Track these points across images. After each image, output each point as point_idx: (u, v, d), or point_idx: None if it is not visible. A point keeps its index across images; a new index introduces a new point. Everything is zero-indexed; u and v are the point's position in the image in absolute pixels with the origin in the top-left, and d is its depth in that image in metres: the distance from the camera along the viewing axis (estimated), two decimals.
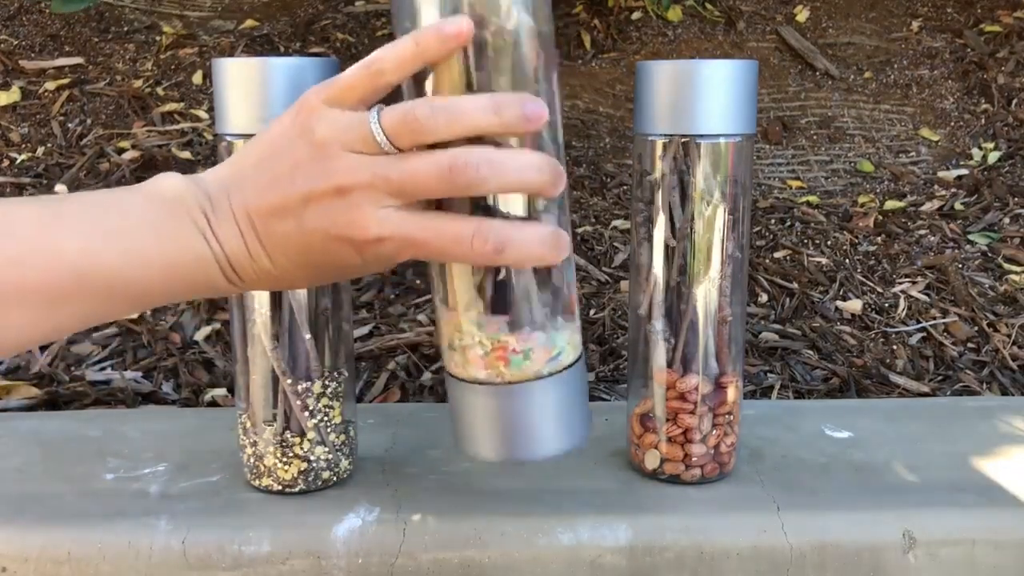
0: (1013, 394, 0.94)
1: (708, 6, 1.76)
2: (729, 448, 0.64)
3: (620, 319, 1.03)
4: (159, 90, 1.46)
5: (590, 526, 0.59)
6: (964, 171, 1.44)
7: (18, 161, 1.29)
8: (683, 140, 0.59)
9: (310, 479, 0.62)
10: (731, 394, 0.63)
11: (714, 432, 0.62)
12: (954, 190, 1.39)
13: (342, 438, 0.63)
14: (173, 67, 1.52)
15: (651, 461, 0.64)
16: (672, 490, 0.63)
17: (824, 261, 1.17)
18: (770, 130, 1.53)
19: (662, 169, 0.60)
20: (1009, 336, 1.02)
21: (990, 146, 1.50)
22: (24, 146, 1.33)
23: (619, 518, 0.60)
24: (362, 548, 0.58)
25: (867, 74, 1.66)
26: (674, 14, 1.73)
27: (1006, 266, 1.17)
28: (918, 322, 1.05)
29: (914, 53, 1.70)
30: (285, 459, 0.61)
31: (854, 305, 1.07)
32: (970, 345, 1.01)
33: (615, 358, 0.97)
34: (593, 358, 0.96)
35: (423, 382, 0.91)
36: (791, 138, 1.53)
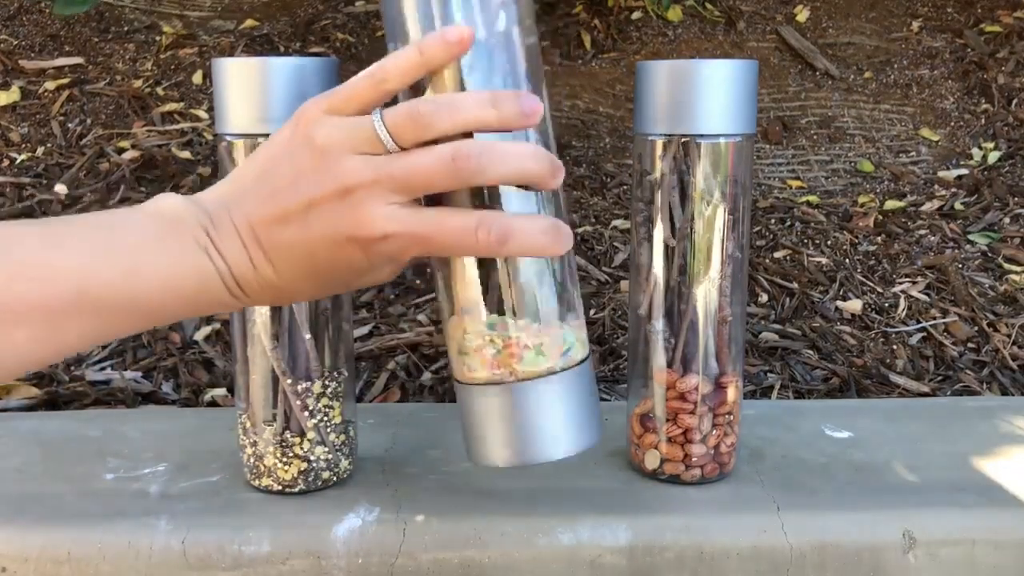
0: (1013, 394, 0.94)
1: (708, 6, 1.76)
2: (729, 448, 0.64)
3: (620, 319, 1.03)
4: (159, 90, 1.46)
5: (590, 526, 0.59)
6: (964, 171, 1.44)
7: (18, 161, 1.29)
8: (683, 140, 0.59)
9: (310, 479, 0.62)
10: (731, 394, 0.63)
11: (714, 432, 0.62)
12: (954, 190, 1.39)
13: (342, 438, 0.63)
14: (173, 67, 1.52)
15: (651, 461, 0.64)
16: (672, 490, 0.63)
17: (824, 261, 1.17)
18: (770, 130, 1.53)
19: (662, 169, 0.60)
20: (1009, 336, 1.02)
21: (990, 146, 1.50)
22: (24, 146, 1.33)
23: (619, 518, 0.60)
24: (362, 548, 0.58)
25: (867, 74, 1.66)
26: (674, 14, 1.73)
27: (1006, 266, 1.17)
28: (918, 322, 1.05)
29: (914, 53, 1.70)
30: (285, 459, 0.61)
31: (854, 305, 1.07)
32: (970, 345, 1.01)
33: (615, 358, 0.97)
34: (593, 358, 0.96)
35: (423, 382, 0.91)
36: (791, 138, 1.53)
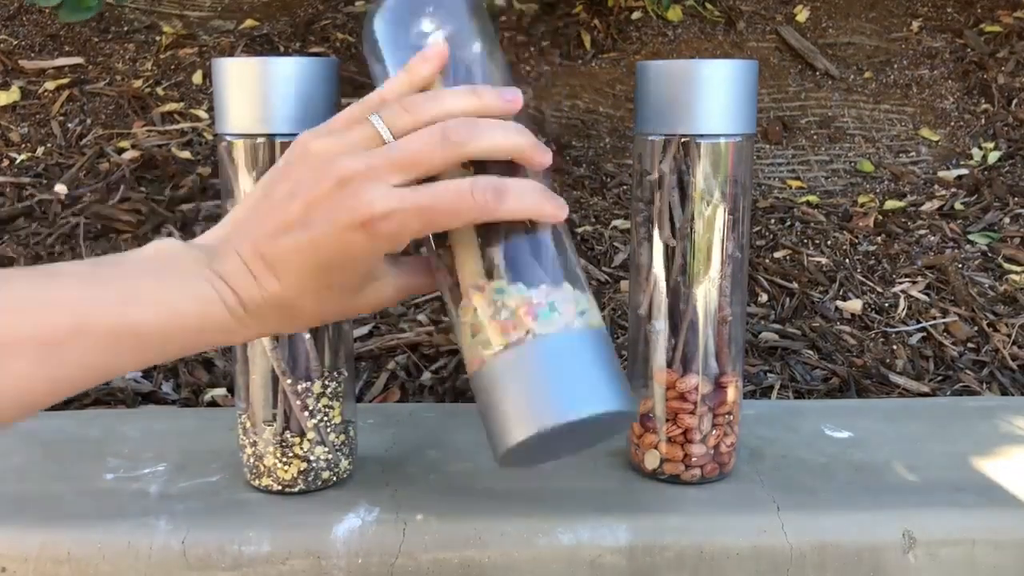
0: (1013, 394, 0.94)
1: (708, 6, 1.76)
2: (729, 448, 0.64)
3: (620, 319, 1.03)
4: (159, 90, 1.46)
5: (590, 526, 0.59)
6: (964, 171, 1.44)
7: (18, 161, 1.29)
8: (683, 140, 0.59)
9: (310, 479, 0.62)
10: (731, 394, 0.63)
11: (714, 432, 0.62)
12: (954, 190, 1.39)
13: (342, 438, 0.63)
14: (173, 67, 1.52)
15: (651, 461, 0.64)
16: (672, 490, 0.63)
17: (824, 261, 1.17)
18: (770, 130, 1.53)
19: (662, 169, 0.60)
20: (1009, 336, 1.02)
21: (990, 146, 1.50)
22: (24, 146, 1.33)
23: (619, 518, 0.60)
24: (362, 548, 0.58)
25: (867, 74, 1.66)
26: (674, 14, 1.73)
27: (1006, 266, 1.17)
28: (918, 322, 1.05)
29: (914, 53, 1.70)
30: (285, 459, 0.61)
31: (854, 305, 1.07)
32: (970, 345, 1.01)
33: None
34: None
35: (423, 382, 0.91)
36: (791, 138, 1.53)
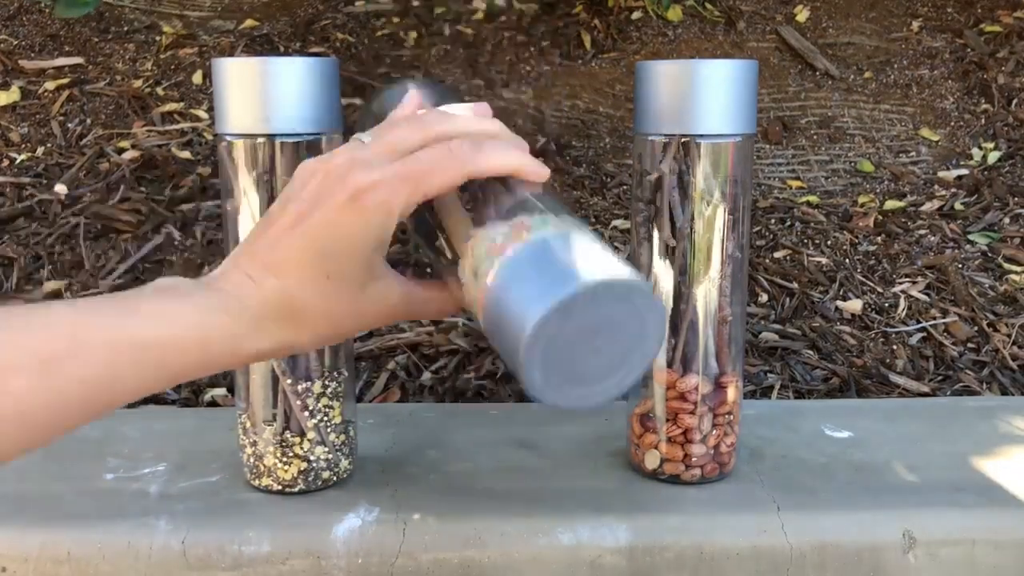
0: (1013, 394, 0.94)
1: (708, 6, 1.76)
2: (729, 448, 0.64)
3: None
4: (159, 90, 1.46)
5: (590, 526, 0.59)
6: (964, 171, 1.44)
7: (18, 161, 1.29)
8: (683, 140, 0.59)
9: (310, 479, 0.62)
10: (731, 394, 0.63)
11: (714, 432, 0.62)
12: (954, 190, 1.39)
13: (342, 438, 0.63)
14: (173, 67, 1.52)
15: (651, 461, 0.64)
16: (672, 490, 0.63)
17: (824, 261, 1.17)
18: (770, 130, 1.53)
19: (662, 169, 0.60)
20: (1009, 336, 1.02)
21: (990, 146, 1.50)
22: (24, 146, 1.33)
23: (619, 518, 0.60)
24: (362, 548, 0.58)
25: (867, 74, 1.66)
26: (674, 14, 1.73)
27: (1006, 266, 1.17)
28: (918, 322, 1.05)
29: (914, 53, 1.70)
30: (285, 459, 0.61)
31: (854, 305, 1.07)
32: (970, 345, 1.01)
33: None
34: None
35: (423, 382, 0.91)
36: (791, 138, 1.53)
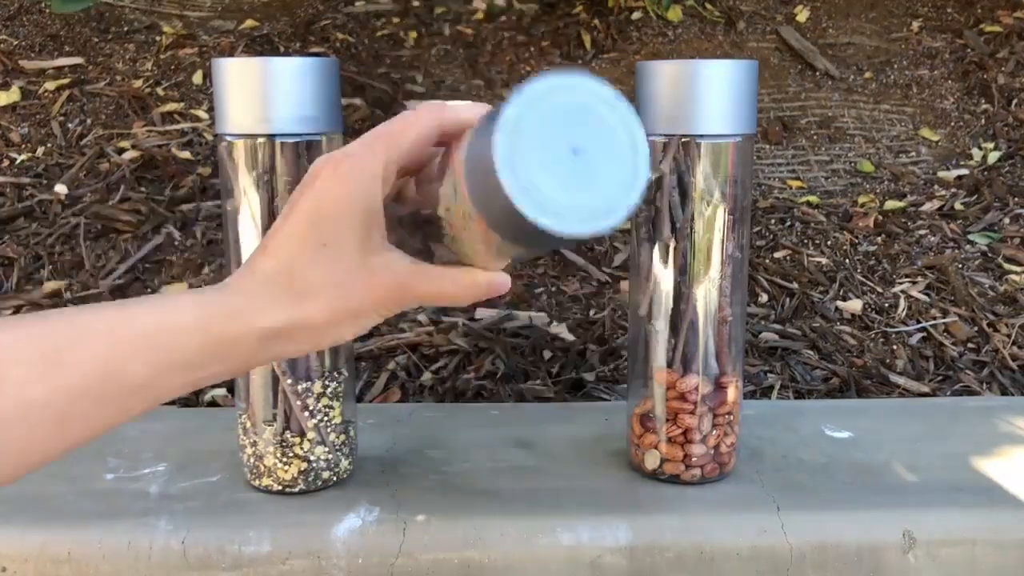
0: (1013, 394, 0.94)
1: (708, 6, 1.76)
2: (729, 448, 0.64)
3: (620, 319, 1.03)
4: (159, 90, 1.46)
5: (590, 526, 0.59)
6: (964, 171, 1.44)
7: (18, 161, 1.29)
8: (683, 140, 0.59)
9: (310, 479, 0.62)
10: (731, 394, 0.63)
11: (714, 432, 0.62)
12: (954, 190, 1.39)
13: (342, 438, 0.63)
14: (173, 67, 1.52)
15: (651, 461, 0.64)
16: (672, 490, 0.63)
17: (824, 261, 1.17)
18: (770, 130, 1.53)
19: (662, 169, 0.60)
20: (1009, 336, 1.02)
21: (990, 146, 1.50)
22: (24, 146, 1.33)
23: (619, 518, 0.60)
24: (362, 548, 0.58)
25: (867, 74, 1.66)
26: (674, 14, 1.73)
27: (1006, 266, 1.17)
28: (918, 322, 1.05)
29: (914, 53, 1.70)
30: (285, 459, 0.61)
31: (854, 305, 1.07)
32: (970, 345, 1.01)
33: (615, 358, 0.97)
34: (593, 358, 0.96)
35: (423, 382, 0.91)
36: (791, 138, 1.53)
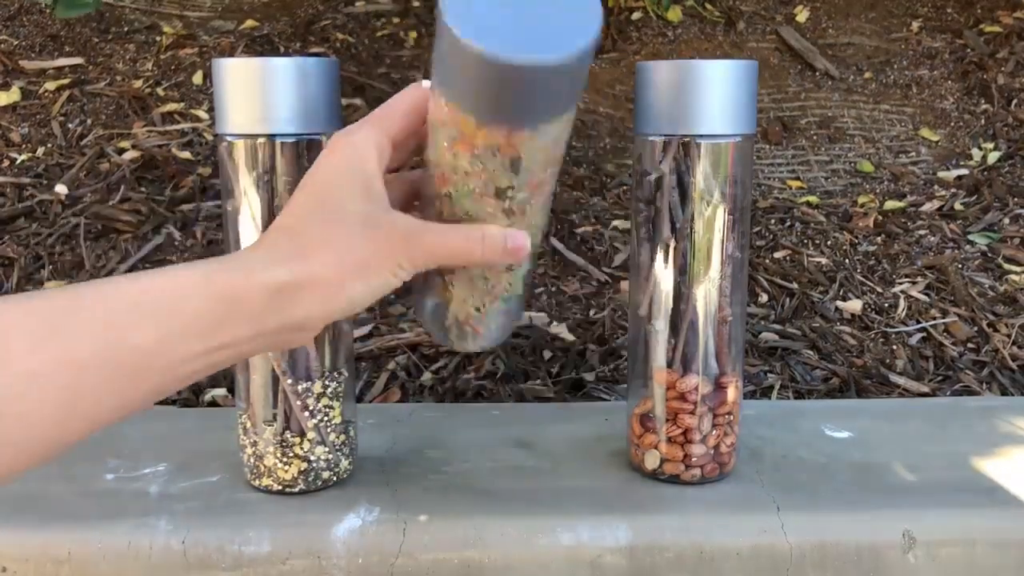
0: (1013, 394, 0.94)
1: (708, 6, 1.76)
2: (729, 448, 0.64)
3: (620, 319, 1.03)
4: (159, 90, 1.46)
5: (590, 526, 0.59)
6: (964, 171, 1.44)
7: (18, 161, 1.29)
8: (683, 140, 0.59)
9: (310, 479, 0.62)
10: (731, 394, 0.63)
11: (714, 432, 0.62)
12: (954, 190, 1.39)
13: (342, 438, 0.63)
14: (173, 67, 1.52)
15: (651, 461, 0.64)
16: (672, 490, 0.63)
17: (824, 261, 1.17)
18: (770, 130, 1.53)
19: (662, 169, 0.60)
20: (1009, 336, 1.02)
21: (990, 146, 1.50)
22: (24, 146, 1.33)
23: (619, 518, 0.60)
24: (362, 548, 0.58)
25: (867, 74, 1.66)
26: (674, 14, 1.73)
27: (1006, 266, 1.17)
28: (918, 322, 1.05)
29: (914, 53, 1.70)
30: (285, 459, 0.61)
31: (854, 305, 1.07)
32: (970, 345, 1.01)
33: (615, 358, 0.97)
34: (593, 358, 0.96)
35: (423, 382, 0.91)
36: (791, 138, 1.53)
